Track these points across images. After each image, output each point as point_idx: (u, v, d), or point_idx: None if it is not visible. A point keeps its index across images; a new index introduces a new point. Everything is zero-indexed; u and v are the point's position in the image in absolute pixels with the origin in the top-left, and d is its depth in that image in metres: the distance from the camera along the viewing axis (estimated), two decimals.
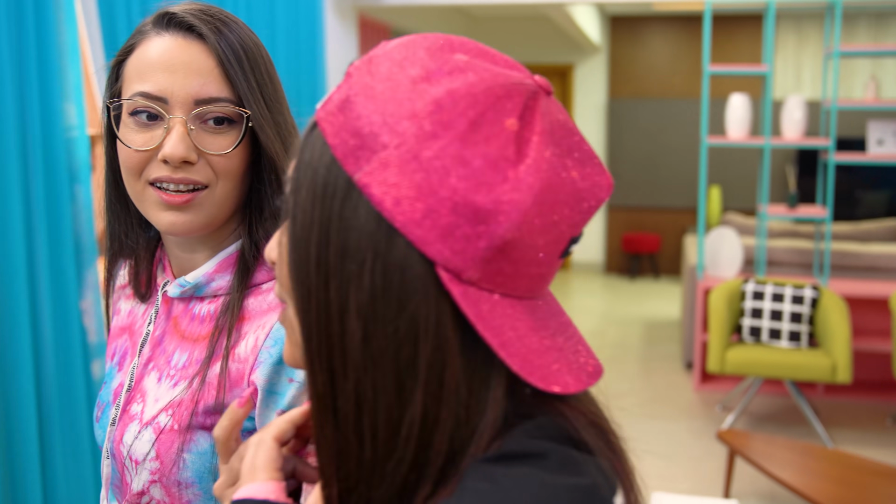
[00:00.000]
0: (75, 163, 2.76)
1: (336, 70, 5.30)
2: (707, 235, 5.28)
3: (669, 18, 8.73)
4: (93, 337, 2.84)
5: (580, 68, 8.97)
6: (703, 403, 4.97)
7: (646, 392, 5.14)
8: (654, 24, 8.78)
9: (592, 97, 8.99)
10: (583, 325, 6.83)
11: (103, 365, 2.87)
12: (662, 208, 8.94)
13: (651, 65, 8.86)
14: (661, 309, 7.41)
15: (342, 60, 5.44)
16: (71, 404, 2.75)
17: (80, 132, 2.76)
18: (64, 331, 2.71)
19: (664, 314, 7.20)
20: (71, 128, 2.73)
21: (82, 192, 2.78)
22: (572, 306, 7.56)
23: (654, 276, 8.90)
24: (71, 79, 2.72)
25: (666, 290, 8.29)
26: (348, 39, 5.55)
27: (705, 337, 5.12)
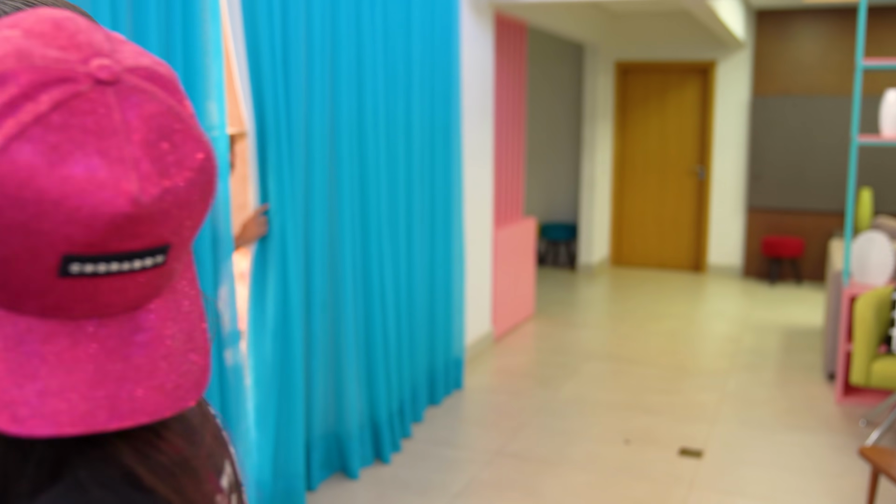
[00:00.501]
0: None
1: (471, 68, 5.34)
2: (855, 240, 5.00)
3: (820, 11, 8.31)
4: (227, 325, 2.95)
5: (723, 65, 8.68)
6: (844, 417, 4.71)
7: (783, 402, 4.93)
8: (804, 18, 8.38)
9: (735, 95, 8.68)
10: (718, 331, 6.61)
11: (236, 353, 2.98)
12: (807, 211, 8.54)
13: (799, 60, 8.47)
14: (802, 316, 7.08)
15: (478, 58, 5.47)
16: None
17: (221, 131, 2.87)
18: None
19: (805, 322, 6.87)
20: (212, 127, 2.84)
21: (221, 188, 2.90)
22: (707, 311, 7.33)
23: (796, 281, 8.51)
24: (213, 77, 2.83)
25: (808, 296, 7.92)
26: (484, 37, 5.57)
27: (849, 347, 4.86)
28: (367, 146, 3.82)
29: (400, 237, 4.18)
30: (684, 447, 4.26)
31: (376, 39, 3.83)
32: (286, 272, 3.32)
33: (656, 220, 9.22)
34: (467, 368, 5.51)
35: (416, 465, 4.01)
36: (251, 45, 3.10)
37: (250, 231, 3.21)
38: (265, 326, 3.32)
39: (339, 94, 3.61)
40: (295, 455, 3.41)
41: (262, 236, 3.26)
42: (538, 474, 3.93)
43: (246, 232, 3.21)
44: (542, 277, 8.71)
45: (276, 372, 3.34)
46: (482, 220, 5.81)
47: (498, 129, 6.17)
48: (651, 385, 5.25)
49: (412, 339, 4.40)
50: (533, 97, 9.23)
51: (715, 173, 8.87)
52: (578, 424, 4.56)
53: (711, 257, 9.01)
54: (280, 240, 3.30)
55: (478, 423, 4.58)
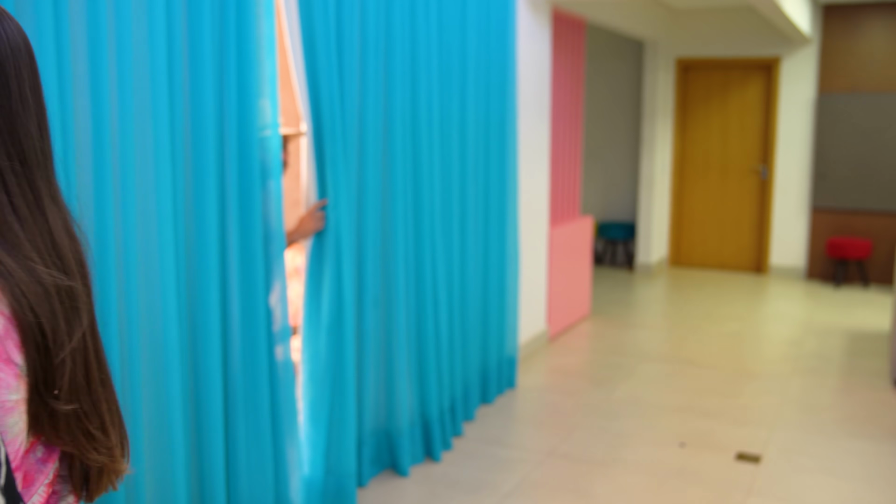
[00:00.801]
0: (268, 160, 2.89)
1: (527, 65, 5.28)
2: None
3: (890, 4, 8.05)
4: (278, 322, 2.97)
5: (787, 61, 8.47)
6: None
7: (847, 408, 4.78)
8: (873, 11, 8.12)
9: (800, 92, 8.46)
10: (779, 333, 6.45)
11: (286, 349, 2.99)
12: (875, 211, 8.28)
13: (867, 56, 8.21)
14: (868, 320, 6.86)
15: (534, 54, 5.42)
16: (255, 386, 2.89)
17: (274, 130, 2.88)
18: (251, 316, 2.85)
19: (872, 326, 6.66)
20: (265, 126, 2.85)
21: (274, 187, 2.91)
22: (769, 313, 7.16)
23: (863, 284, 8.26)
24: (267, 75, 2.84)
25: (875, 299, 7.67)
26: (541, 33, 5.51)
27: None
28: (421, 142, 3.81)
29: (453, 234, 4.16)
30: (742, 452, 4.16)
31: (431, 35, 3.82)
32: (339, 268, 3.32)
33: (717, 220, 9.04)
34: (521, 367, 5.46)
35: (466, 464, 3.98)
36: (307, 41, 3.11)
37: (307, 225, 3.23)
38: (319, 322, 3.33)
39: (393, 89, 3.60)
40: (347, 451, 3.42)
41: (319, 231, 3.28)
42: (590, 476, 3.87)
43: (302, 226, 3.23)
44: (599, 277, 8.61)
45: (329, 367, 3.35)
46: (537, 218, 5.76)
47: (555, 126, 6.11)
48: (708, 387, 5.14)
49: (464, 337, 4.38)
50: (591, 95, 9.13)
51: (778, 172, 8.67)
52: (633, 426, 4.49)
53: (774, 258, 8.80)
54: (334, 236, 3.31)
55: (530, 423, 4.54)
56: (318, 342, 3.32)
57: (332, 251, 3.31)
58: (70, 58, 2.23)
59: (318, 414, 3.35)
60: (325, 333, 3.32)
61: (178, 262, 2.63)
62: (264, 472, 2.96)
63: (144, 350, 2.53)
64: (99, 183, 2.33)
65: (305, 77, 3.14)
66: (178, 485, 2.61)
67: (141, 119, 2.45)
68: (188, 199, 2.67)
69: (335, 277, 3.32)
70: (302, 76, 3.15)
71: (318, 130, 3.20)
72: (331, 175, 3.28)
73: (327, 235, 3.30)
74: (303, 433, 3.35)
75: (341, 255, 3.31)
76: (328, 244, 3.30)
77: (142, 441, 2.52)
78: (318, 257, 3.32)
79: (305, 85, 3.15)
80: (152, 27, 2.44)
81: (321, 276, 3.32)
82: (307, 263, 3.31)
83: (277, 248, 2.94)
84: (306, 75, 3.14)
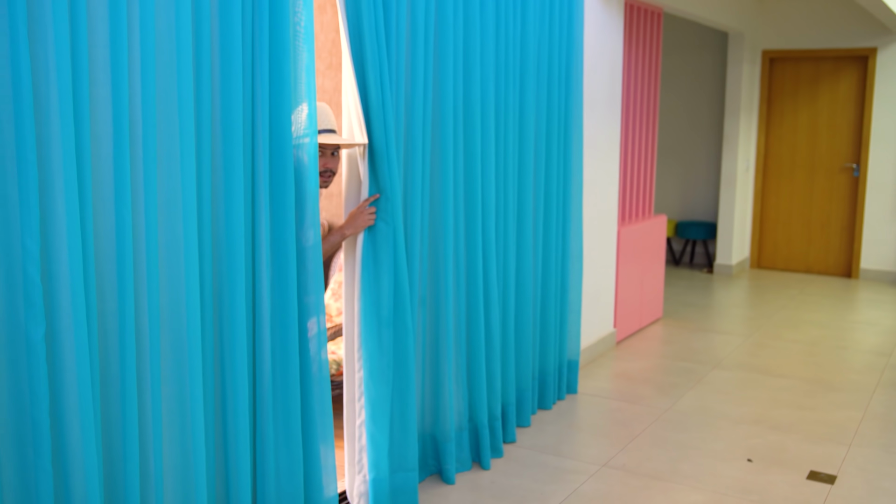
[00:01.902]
0: (302, 161, 2.79)
1: (596, 56, 5.05)
2: None
3: None
4: (314, 325, 2.86)
5: (884, 52, 7.97)
6: None
7: None
8: None
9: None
10: (866, 342, 6.05)
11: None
12: None
13: None
14: None
15: (604, 45, 5.18)
16: (286, 390, 2.78)
17: (312, 138, 2.79)
18: (283, 317, 2.75)
19: None
20: (302, 134, 2.78)
21: (310, 197, 2.81)
22: (855, 320, 6.74)
23: None
24: (303, 81, 2.75)
25: None
26: (611, 23, 5.28)
27: None
28: (474, 135, 3.64)
29: (508, 232, 3.99)
30: (815, 470, 3.87)
31: (486, 22, 3.64)
32: (396, 263, 3.24)
33: (803, 221, 8.60)
34: (584, 372, 5.25)
35: (516, 473, 3.81)
36: (353, 28, 2.99)
37: (358, 220, 3.16)
38: (379, 318, 3.23)
39: (444, 79, 3.44)
40: (410, 447, 3.38)
41: (370, 226, 3.18)
42: (646, 490, 3.65)
43: (352, 221, 3.16)
44: (675, 278, 8.29)
45: (390, 364, 3.27)
46: (606, 217, 5.53)
47: (626, 121, 5.86)
48: (783, 399, 4.83)
49: (519, 340, 4.20)
50: (671, 88, 8.79)
51: (871, 171, 8.18)
52: (697, 438, 4.24)
53: (865, 262, 8.31)
54: (380, 233, 3.20)
55: (588, 431, 4.34)
56: (379, 339, 3.22)
57: (382, 249, 3.20)
58: (87, 44, 2.15)
59: (381, 412, 3.26)
60: (385, 329, 3.23)
61: (202, 260, 2.54)
62: (294, 478, 2.86)
63: (165, 349, 2.45)
64: (119, 176, 2.25)
65: (352, 67, 3.02)
66: (200, 488, 2.53)
67: (165, 111, 2.36)
68: (216, 197, 2.58)
69: (390, 274, 3.22)
70: (349, 66, 3.03)
71: (365, 123, 3.08)
72: (380, 170, 3.16)
73: (375, 232, 3.19)
74: (365, 433, 3.28)
75: (397, 251, 3.22)
76: (383, 240, 3.20)
77: (161, 441, 2.44)
78: (371, 255, 3.22)
79: (352, 76, 3.04)
80: (179, 13, 2.35)
81: (378, 273, 3.22)
82: (361, 260, 3.21)
83: (313, 248, 2.83)
84: (353, 65, 3.02)
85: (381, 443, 3.27)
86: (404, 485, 3.38)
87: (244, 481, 2.69)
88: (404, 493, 3.38)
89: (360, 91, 3.05)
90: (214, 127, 2.55)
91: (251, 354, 2.75)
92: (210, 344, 2.61)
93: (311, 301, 2.84)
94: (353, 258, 3.25)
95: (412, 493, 3.40)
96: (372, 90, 3.05)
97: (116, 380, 2.34)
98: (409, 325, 3.28)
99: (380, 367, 3.24)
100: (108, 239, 2.28)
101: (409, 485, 3.39)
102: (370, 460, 3.27)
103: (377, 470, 3.27)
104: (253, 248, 2.71)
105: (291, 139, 2.73)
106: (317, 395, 2.90)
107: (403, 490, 3.38)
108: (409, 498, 3.39)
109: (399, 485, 3.37)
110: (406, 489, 3.39)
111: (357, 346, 3.25)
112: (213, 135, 2.54)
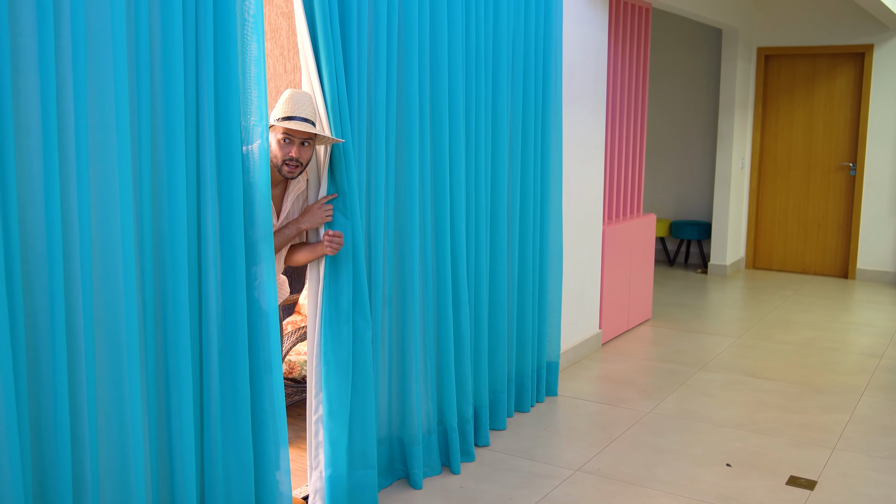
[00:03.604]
0: (250, 150, 2.70)
1: (578, 53, 4.92)
2: None
3: None
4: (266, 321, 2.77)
5: (881, 49, 7.85)
6: None
7: None
8: None
9: (894, 82, 7.83)
10: (859, 343, 5.93)
11: (275, 347, 2.78)
12: None
13: None
14: None
15: (587, 41, 5.07)
16: (235, 389, 2.69)
17: (263, 127, 2.67)
18: (230, 312, 2.66)
19: None
20: (252, 122, 2.66)
21: (258, 186, 2.71)
22: (850, 321, 6.62)
23: None
24: (251, 57, 2.64)
25: None
26: (594, 18, 5.17)
27: None
28: (442, 133, 3.54)
29: (480, 231, 3.88)
30: (795, 475, 3.76)
31: (455, 15, 3.54)
32: (354, 259, 3.15)
33: (799, 221, 8.47)
34: (566, 374, 5.14)
35: (487, 478, 3.71)
36: (308, 18, 2.90)
37: (314, 216, 3.06)
38: (339, 315, 3.14)
39: (409, 74, 3.34)
40: (369, 445, 3.30)
41: (327, 222, 3.09)
42: (618, 496, 3.54)
43: (309, 216, 3.06)
44: (669, 279, 8.17)
45: (348, 361, 3.18)
46: (590, 216, 5.42)
47: (613, 118, 5.75)
48: (768, 401, 4.72)
49: (493, 341, 4.09)
50: (664, 86, 8.67)
51: (868, 170, 8.05)
52: (676, 442, 4.13)
53: (861, 263, 8.18)
54: (338, 225, 3.11)
55: (565, 435, 4.23)
56: (338, 332, 3.14)
57: (348, 239, 3.12)
58: (9, 31, 2.07)
59: (341, 409, 3.18)
60: (344, 323, 3.15)
61: (142, 256, 2.45)
62: (245, 481, 2.76)
63: (101, 349, 2.36)
64: (48, 170, 2.16)
65: (307, 60, 2.93)
66: (139, 492, 2.43)
67: (98, 101, 2.27)
68: (157, 191, 2.48)
69: (349, 266, 3.13)
70: (304, 60, 2.94)
71: (325, 117, 2.99)
72: (336, 166, 3.07)
73: (338, 224, 3.11)
74: (323, 430, 3.19)
75: (356, 244, 3.14)
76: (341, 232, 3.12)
77: (97, 444, 2.35)
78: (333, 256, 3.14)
79: (308, 70, 2.95)
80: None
81: (337, 267, 3.13)
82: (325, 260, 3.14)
83: (262, 240, 2.73)
84: (308, 58, 2.93)
85: (340, 439, 3.18)
86: (363, 482, 3.29)
87: (189, 483, 2.60)
88: (363, 491, 3.29)
89: (316, 85, 2.96)
90: (155, 118, 2.45)
91: (197, 352, 2.66)
92: (151, 344, 2.52)
93: (262, 295, 2.74)
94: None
95: (371, 491, 3.30)
96: (327, 84, 2.95)
97: (48, 381, 2.25)
98: (368, 319, 3.20)
99: (337, 361, 3.15)
100: (36, 235, 2.19)
101: (367, 482, 3.30)
102: (327, 456, 3.19)
103: (334, 466, 3.18)
104: (199, 245, 2.62)
105: (239, 130, 2.64)
106: (267, 392, 2.80)
107: (362, 487, 3.29)
108: (369, 496, 3.30)
109: (357, 482, 3.28)
110: (365, 487, 3.29)
111: (317, 340, 3.17)
112: (153, 126, 2.45)
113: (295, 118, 2.89)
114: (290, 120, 2.89)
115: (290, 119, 2.89)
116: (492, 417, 4.18)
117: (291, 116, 2.90)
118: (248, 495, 2.77)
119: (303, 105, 2.93)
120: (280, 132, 2.93)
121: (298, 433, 4.03)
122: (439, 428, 3.74)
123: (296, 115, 2.90)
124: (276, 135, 2.94)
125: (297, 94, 2.94)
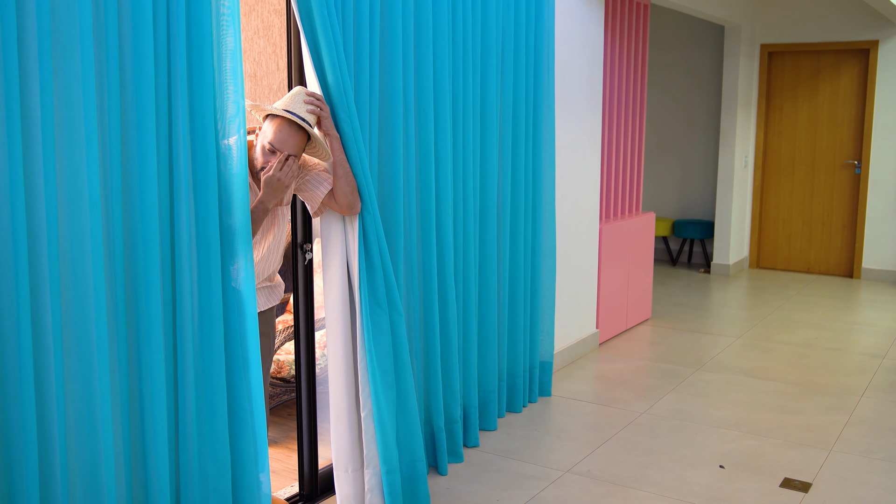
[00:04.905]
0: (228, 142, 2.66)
1: (572, 49, 4.87)
2: None
3: None
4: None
5: (886, 45, 7.75)
6: None
7: None
8: None
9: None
10: (861, 344, 5.84)
11: (253, 344, 2.74)
12: None
13: None
14: None
15: (582, 39, 5.02)
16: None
17: (241, 124, 2.63)
18: (206, 307, 2.62)
19: None
20: (229, 119, 2.61)
21: (238, 180, 2.66)
22: (853, 321, 6.53)
23: None
24: (227, 50, 2.59)
25: None
26: (590, 13, 5.11)
27: None
28: (427, 128, 3.49)
29: (469, 230, 3.83)
30: (789, 477, 3.69)
31: (440, 8, 3.49)
32: (381, 257, 3.19)
33: (804, 219, 8.38)
34: (561, 374, 5.09)
35: (474, 479, 3.66)
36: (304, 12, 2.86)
37: (275, 186, 2.80)
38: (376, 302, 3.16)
39: (393, 69, 3.29)
40: (416, 435, 3.35)
41: (285, 183, 2.81)
42: (608, 498, 3.48)
43: (270, 188, 2.81)
44: (671, 278, 8.10)
45: (390, 355, 3.24)
46: (586, 214, 5.36)
47: (610, 115, 5.69)
48: (765, 402, 4.65)
49: (482, 340, 4.04)
50: (666, 84, 8.59)
51: (873, 167, 7.95)
52: (669, 443, 4.06)
53: (867, 262, 8.08)
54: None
55: (556, 435, 4.17)
56: (379, 328, 3.17)
57: (372, 240, 3.15)
58: None
59: (388, 403, 3.19)
60: (382, 319, 3.17)
61: (112, 253, 2.41)
62: (222, 481, 2.72)
63: (69, 347, 2.32)
64: (12, 165, 2.13)
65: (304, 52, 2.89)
66: (110, 492, 2.39)
67: (65, 95, 2.23)
68: (127, 188, 2.44)
69: (379, 265, 3.18)
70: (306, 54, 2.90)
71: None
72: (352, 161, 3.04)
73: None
74: (374, 425, 3.20)
75: (381, 243, 3.17)
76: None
77: (66, 444, 2.31)
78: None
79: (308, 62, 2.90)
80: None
81: (371, 264, 3.16)
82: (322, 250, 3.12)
83: (239, 235, 2.68)
84: (309, 49, 2.89)
85: (389, 433, 3.21)
86: (413, 474, 3.36)
87: (163, 483, 2.56)
88: (415, 483, 3.36)
89: (295, 80, 2.92)
90: (125, 113, 2.40)
91: (171, 350, 2.61)
92: (123, 341, 2.48)
93: (238, 291, 2.69)
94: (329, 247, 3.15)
95: (423, 483, 3.37)
96: (310, 82, 2.91)
97: (13, 381, 2.21)
98: (401, 312, 3.23)
99: (379, 356, 3.16)
100: (0, 232, 2.15)
101: (419, 474, 3.37)
102: (381, 451, 3.20)
103: (388, 462, 3.21)
104: (172, 241, 2.57)
105: (214, 125, 2.59)
106: (245, 391, 2.75)
107: (413, 480, 3.36)
108: (421, 488, 3.37)
109: (408, 474, 3.36)
110: (416, 479, 3.36)
111: (360, 334, 3.15)
112: (123, 121, 2.41)
113: (292, 112, 2.82)
114: (287, 112, 2.83)
115: (287, 112, 2.83)
116: (482, 417, 4.13)
117: (289, 110, 2.83)
118: (225, 495, 2.73)
119: (291, 99, 2.87)
120: (268, 142, 2.84)
121: (287, 433, 3.99)
122: (426, 428, 3.69)
123: (295, 111, 2.83)
124: (264, 141, 2.85)
125: (302, 94, 2.88)
